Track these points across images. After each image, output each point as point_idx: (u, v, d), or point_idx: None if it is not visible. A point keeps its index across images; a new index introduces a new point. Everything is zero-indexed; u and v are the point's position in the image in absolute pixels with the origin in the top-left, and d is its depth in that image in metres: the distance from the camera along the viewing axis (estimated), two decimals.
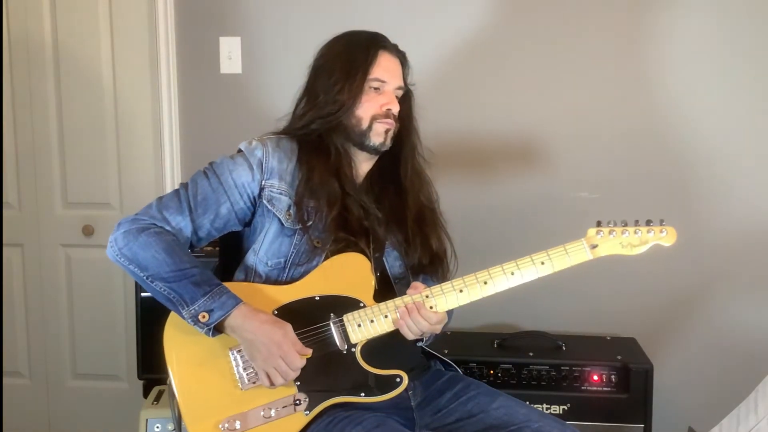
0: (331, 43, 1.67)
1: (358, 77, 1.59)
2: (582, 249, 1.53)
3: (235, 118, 2.61)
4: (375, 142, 1.61)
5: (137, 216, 1.54)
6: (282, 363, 1.45)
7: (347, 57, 1.61)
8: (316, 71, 1.66)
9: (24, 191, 2.79)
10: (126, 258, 1.49)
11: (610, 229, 1.54)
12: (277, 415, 1.49)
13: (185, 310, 1.46)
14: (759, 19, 2.35)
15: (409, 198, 1.68)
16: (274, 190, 1.59)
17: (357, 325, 1.53)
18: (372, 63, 1.60)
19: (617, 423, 2.12)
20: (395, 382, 1.52)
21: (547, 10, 2.43)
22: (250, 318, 1.47)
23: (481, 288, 1.53)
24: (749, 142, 2.40)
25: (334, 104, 1.59)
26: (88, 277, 2.80)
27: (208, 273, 1.50)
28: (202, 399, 1.50)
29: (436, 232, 1.72)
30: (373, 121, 1.60)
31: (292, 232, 1.58)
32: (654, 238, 1.54)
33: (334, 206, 1.57)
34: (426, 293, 1.53)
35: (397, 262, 1.68)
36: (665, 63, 2.41)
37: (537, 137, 2.48)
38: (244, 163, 1.59)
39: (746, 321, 2.46)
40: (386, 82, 1.62)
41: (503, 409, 1.54)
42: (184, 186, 1.59)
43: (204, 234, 1.58)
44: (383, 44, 1.64)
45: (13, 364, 2.85)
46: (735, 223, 2.43)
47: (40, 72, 2.71)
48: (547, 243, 1.55)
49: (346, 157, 1.63)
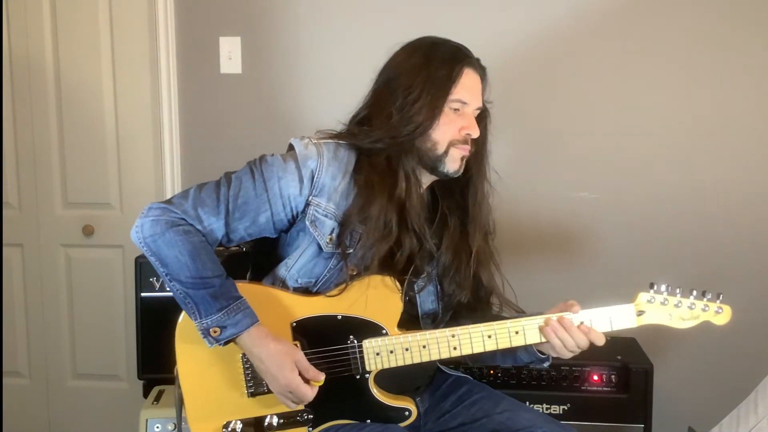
0: (408, 53, 1.50)
1: (439, 97, 1.44)
2: (629, 314, 1.45)
3: (235, 118, 2.61)
4: (449, 169, 1.48)
5: (170, 206, 1.43)
6: (291, 396, 1.41)
7: (428, 72, 1.44)
8: (389, 83, 1.48)
9: (24, 191, 2.79)
10: (149, 248, 1.41)
11: (663, 297, 1.44)
12: (280, 426, 1.47)
13: (198, 321, 1.40)
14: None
15: (474, 229, 1.54)
16: (319, 211, 1.46)
17: (375, 354, 1.46)
18: (456, 82, 1.45)
19: (617, 423, 2.12)
20: (404, 415, 1.50)
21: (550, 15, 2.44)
22: (258, 345, 1.40)
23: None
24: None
25: (409, 125, 1.43)
26: (88, 277, 2.80)
27: (229, 284, 1.42)
28: (207, 400, 1.49)
29: (488, 267, 1.58)
30: (450, 147, 1.46)
31: (330, 255, 1.48)
32: (706, 316, 1.45)
33: (386, 243, 1.45)
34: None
35: (430, 297, 1.57)
36: (665, 63, 2.42)
37: (538, 136, 2.49)
38: (295, 173, 1.45)
39: (746, 321, 2.45)
40: (468, 104, 1.47)
41: (507, 413, 1.53)
42: (227, 180, 1.47)
43: (236, 237, 1.48)
44: (468, 60, 1.48)
45: (13, 364, 2.85)
46: (735, 222, 2.44)
47: (40, 72, 2.71)
48: (547, 243, 1.54)
49: (415, 185, 1.48)
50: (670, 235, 2.44)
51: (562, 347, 1.45)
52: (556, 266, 2.46)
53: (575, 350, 1.45)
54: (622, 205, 2.46)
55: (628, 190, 2.46)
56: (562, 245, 2.47)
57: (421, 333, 1.47)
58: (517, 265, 2.32)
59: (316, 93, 2.54)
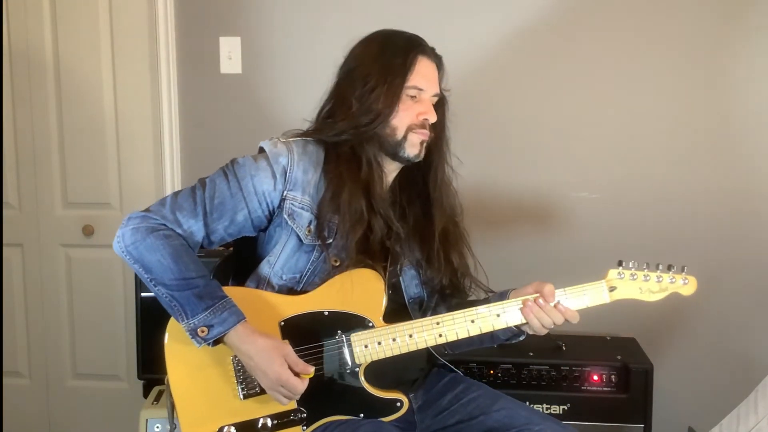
0: (364, 45, 1.57)
1: (396, 84, 1.50)
2: (601, 290, 1.50)
3: (235, 118, 2.61)
4: (410, 154, 1.54)
5: (148, 213, 1.46)
6: (283, 390, 1.41)
7: (383, 61, 1.51)
8: (348, 75, 1.55)
9: (24, 191, 2.79)
10: (131, 256, 1.44)
11: (632, 272, 1.50)
12: (274, 427, 1.47)
13: (185, 322, 1.41)
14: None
15: (436, 211, 1.61)
16: (295, 204, 1.51)
17: (364, 346, 1.48)
18: (410, 69, 1.51)
19: (617, 423, 2.12)
20: (395, 407, 1.51)
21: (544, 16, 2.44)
22: (247, 342, 1.41)
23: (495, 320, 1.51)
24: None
25: (369, 113, 1.50)
26: (88, 277, 2.80)
27: (213, 284, 1.44)
28: (199, 405, 1.48)
29: (458, 248, 1.64)
30: (409, 132, 1.52)
31: (311, 248, 1.52)
32: (674, 287, 1.50)
33: (359, 227, 1.50)
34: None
35: (414, 281, 1.62)
36: (665, 63, 2.42)
37: (539, 137, 2.49)
38: (267, 169, 1.50)
39: (746, 321, 2.46)
40: (424, 90, 1.53)
41: (504, 411, 1.53)
42: (201, 184, 1.51)
43: (216, 239, 1.51)
44: (422, 48, 1.54)
45: (13, 364, 2.85)
46: (735, 222, 2.43)
47: (40, 72, 2.71)
48: (549, 244, 1.54)
49: (377, 170, 1.54)
50: (670, 235, 2.44)
51: (539, 326, 1.49)
52: (553, 264, 2.46)
53: (551, 327, 1.51)
54: (621, 205, 2.46)
55: (628, 189, 2.46)
56: (560, 243, 2.47)
57: (406, 323, 1.50)
58: (515, 263, 2.34)
59: (316, 93, 2.53)
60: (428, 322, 1.50)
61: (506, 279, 1.60)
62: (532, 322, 1.49)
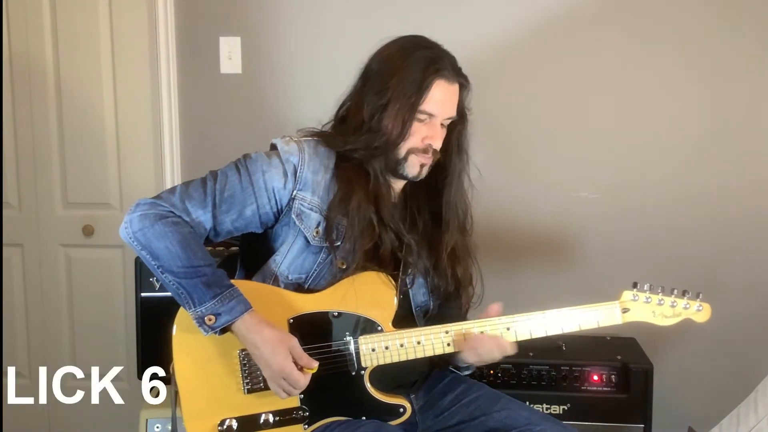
0: (390, 52, 1.54)
1: (407, 108, 1.48)
2: (613, 312, 1.51)
3: (235, 118, 2.61)
4: (409, 173, 1.54)
5: (157, 200, 1.45)
6: (285, 383, 1.42)
7: (401, 78, 1.48)
8: (369, 80, 1.54)
9: (24, 191, 2.79)
10: (139, 243, 1.42)
11: (647, 295, 1.50)
12: (275, 424, 1.48)
13: (192, 310, 1.41)
14: None
15: (447, 228, 1.60)
16: (304, 204, 1.51)
17: (371, 350, 1.49)
18: (424, 95, 1.48)
19: (617, 423, 2.12)
20: (398, 412, 1.52)
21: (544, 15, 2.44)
22: (253, 331, 1.41)
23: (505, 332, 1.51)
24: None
25: (379, 136, 1.49)
26: (88, 277, 2.80)
27: (220, 273, 1.44)
28: (203, 396, 1.49)
29: (465, 261, 1.64)
30: (410, 154, 1.52)
31: (318, 250, 1.52)
32: (688, 314, 1.51)
33: (368, 238, 1.51)
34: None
35: (422, 290, 1.63)
36: (665, 63, 2.41)
37: (539, 137, 2.49)
38: (279, 167, 1.51)
39: (746, 321, 2.46)
40: (435, 116, 1.51)
41: (505, 412, 1.54)
42: (213, 176, 1.51)
43: (223, 231, 1.51)
44: (441, 72, 1.50)
45: (13, 364, 2.85)
46: (735, 223, 2.43)
47: (40, 72, 2.71)
48: (544, 244, 1.54)
49: (384, 184, 1.55)
50: (670, 236, 2.44)
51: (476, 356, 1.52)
52: (552, 266, 2.46)
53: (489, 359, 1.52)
54: (621, 205, 2.46)
55: (628, 189, 2.46)
56: (558, 245, 2.46)
57: (415, 329, 1.51)
58: (513, 265, 2.34)
59: (316, 93, 2.53)
60: (437, 330, 1.50)
61: (507, 282, 1.59)
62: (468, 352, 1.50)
